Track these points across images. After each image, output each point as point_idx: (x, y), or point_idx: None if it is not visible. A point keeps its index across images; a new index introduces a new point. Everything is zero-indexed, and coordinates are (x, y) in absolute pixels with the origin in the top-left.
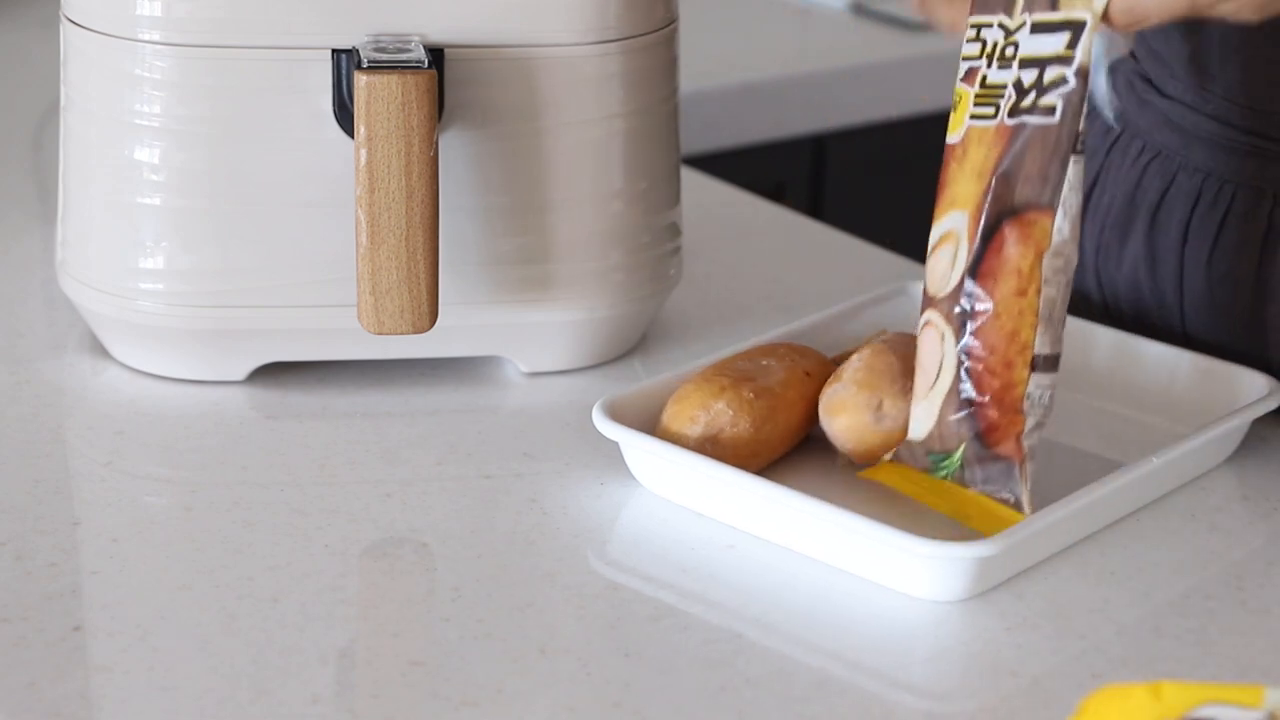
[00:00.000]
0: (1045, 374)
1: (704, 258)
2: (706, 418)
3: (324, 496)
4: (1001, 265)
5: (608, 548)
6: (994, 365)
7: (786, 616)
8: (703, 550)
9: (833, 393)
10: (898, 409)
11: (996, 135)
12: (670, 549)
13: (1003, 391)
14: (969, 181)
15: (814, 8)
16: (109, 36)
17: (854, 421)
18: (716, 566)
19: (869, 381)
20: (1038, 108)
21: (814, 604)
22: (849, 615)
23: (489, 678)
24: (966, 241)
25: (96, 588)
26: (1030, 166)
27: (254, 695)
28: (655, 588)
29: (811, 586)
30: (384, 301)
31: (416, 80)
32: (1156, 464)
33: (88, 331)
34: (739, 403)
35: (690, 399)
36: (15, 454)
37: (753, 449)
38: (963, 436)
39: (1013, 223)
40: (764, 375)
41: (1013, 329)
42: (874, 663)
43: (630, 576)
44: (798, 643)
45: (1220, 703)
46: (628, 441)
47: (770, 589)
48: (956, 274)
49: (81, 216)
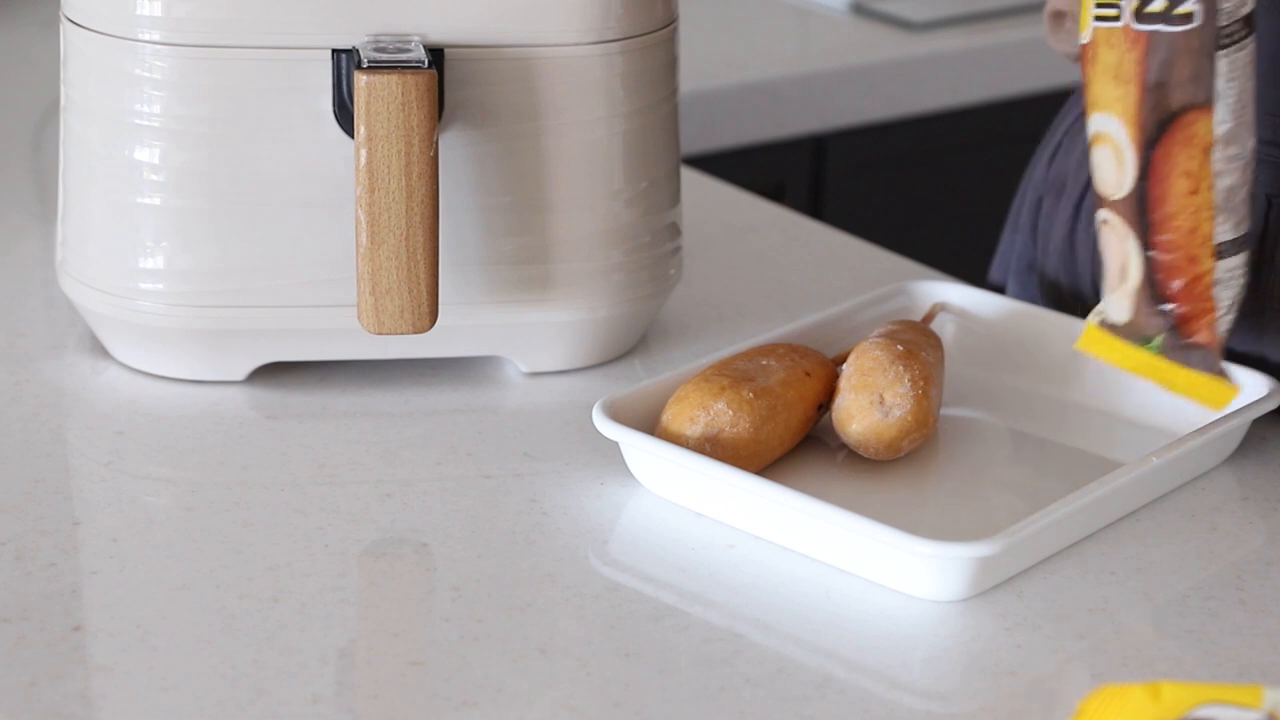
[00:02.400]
0: (1233, 257)
1: (704, 258)
2: (706, 418)
3: (324, 496)
4: (1170, 170)
5: (608, 548)
6: (1179, 263)
7: (786, 616)
8: (703, 550)
9: (837, 406)
10: (899, 395)
11: (1127, 39)
12: (670, 549)
13: (1191, 285)
14: (1108, 84)
15: (814, 8)
16: (109, 36)
17: (865, 423)
18: (716, 566)
19: (862, 382)
20: (1173, 16)
21: (814, 603)
22: (849, 615)
23: (489, 678)
24: (1131, 151)
25: (96, 588)
26: (1180, 73)
27: (254, 695)
28: (655, 588)
29: (812, 586)
30: (384, 301)
31: (416, 80)
32: (1157, 464)
33: (88, 331)
34: (739, 402)
35: (690, 399)
36: (15, 454)
37: (753, 449)
38: (1160, 327)
39: (1173, 128)
40: (764, 375)
41: (1191, 226)
42: (874, 662)
43: (630, 576)
44: (798, 643)
45: (1219, 703)
46: (627, 441)
47: (770, 589)
48: (1126, 181)
49: (81, 216)
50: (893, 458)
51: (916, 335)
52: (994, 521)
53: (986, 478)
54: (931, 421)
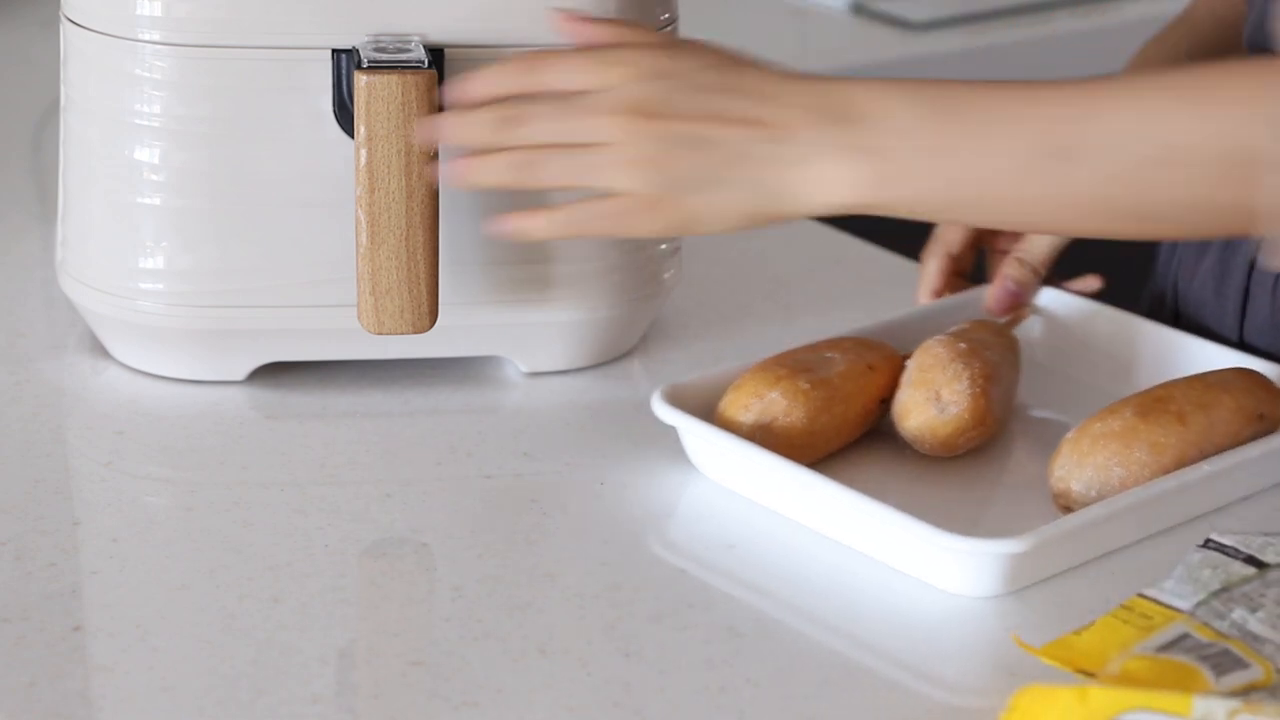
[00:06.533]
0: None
1: (704, 258)
2: (760, 406)
3: (324, 496)
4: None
5: (607, 547)
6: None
7: (789, 613)
8: (702, 550)
9: (896, 401)
10: (956, 393)
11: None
12: (669, 549)
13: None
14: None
15: (814, 8)
16: (109, 36)
17: (920, 419)
18: (716, 566)
19: (921, 379)
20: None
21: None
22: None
23: (489, 678)
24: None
25: (96, 588)
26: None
27: (254, 695)
28: (655, 587)
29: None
30: (384, 301)
31: (416, 80)
32: (1208, 471)
33: (88, 331)
34: (794, 392)
35: (745, 387)
36: (15, 454)
37: (806, 439)
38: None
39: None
40: (824, 367)
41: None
42: (886, 659)
43: (630, 576)
44: (798, 641)
45: (1147, 709)
46: (681, 425)
47: (771, 589)
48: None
49: (81, 216)
50: (950, 455)
51: (986, 335)
52: (1040, 522)
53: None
54: (991, 420)
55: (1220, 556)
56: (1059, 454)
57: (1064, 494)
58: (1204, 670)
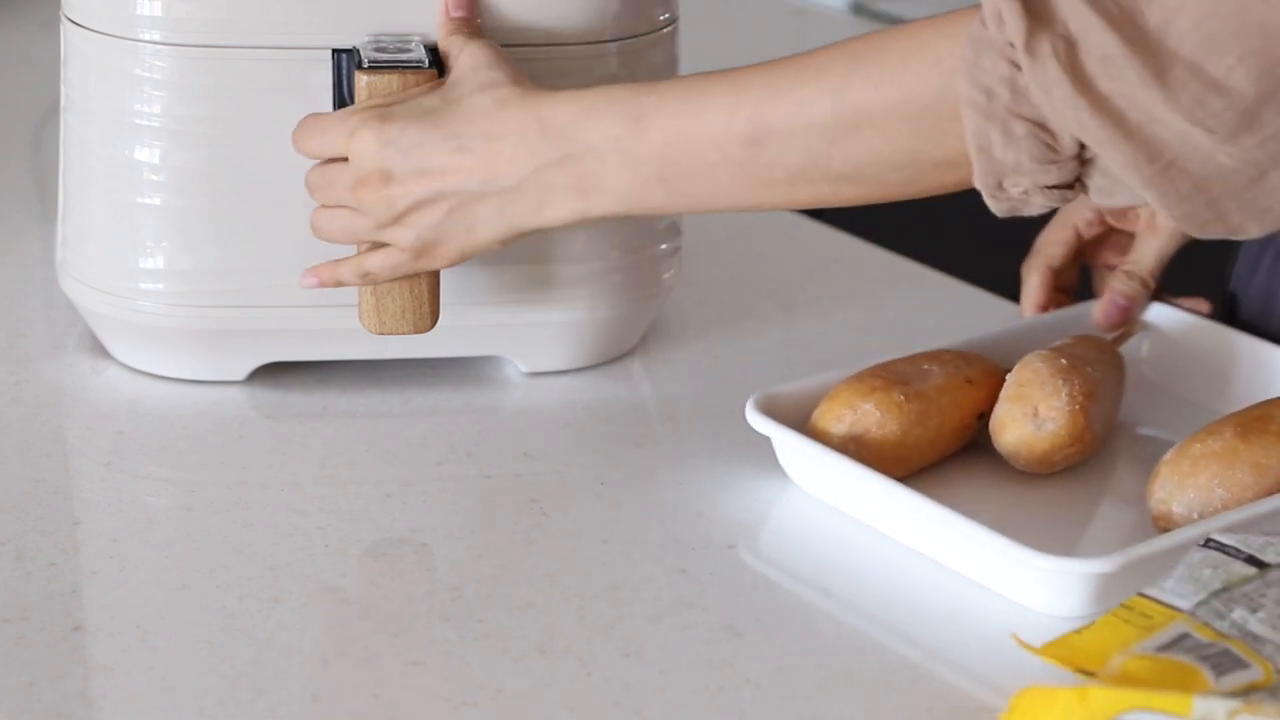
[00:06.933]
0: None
1: (704, 258)
2: (853, 417)
3: (324, 496)
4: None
5: (607, 547)
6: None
7: (789, 613)
8: (701, 550)
9: (994, 416)
10: (1054, 409)
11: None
12: (669, 549)
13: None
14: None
15: (814, 8)
16: (109, 36)
17: (1017, 435)
18: (714, 566)
19: (1020, 394)
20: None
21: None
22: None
23: (489, 678)
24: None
25: (96, 588)
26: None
27: (254, 695)
28: (655, 587)
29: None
30: (384, 301)
31: (416, 80)
32: None
33: (88, 331)
34: (888, 404)
35: (839, 398)
36: (15, 454)
37: (899, 452)
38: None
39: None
40: (920, 379)
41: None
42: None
43: (630, 576)
44: (798, 640)
45: (1147, 710)
46: (773, 434)
47: (768, 586)
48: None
49: (81, 216)
50: (1047, 471)
51: (1090, 351)
52: (1135, 542)
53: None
54: (1089, 438)
55: (1221, 556)
56: (1157, 476)
57: (1164, 516)
58: (1204, 670)
